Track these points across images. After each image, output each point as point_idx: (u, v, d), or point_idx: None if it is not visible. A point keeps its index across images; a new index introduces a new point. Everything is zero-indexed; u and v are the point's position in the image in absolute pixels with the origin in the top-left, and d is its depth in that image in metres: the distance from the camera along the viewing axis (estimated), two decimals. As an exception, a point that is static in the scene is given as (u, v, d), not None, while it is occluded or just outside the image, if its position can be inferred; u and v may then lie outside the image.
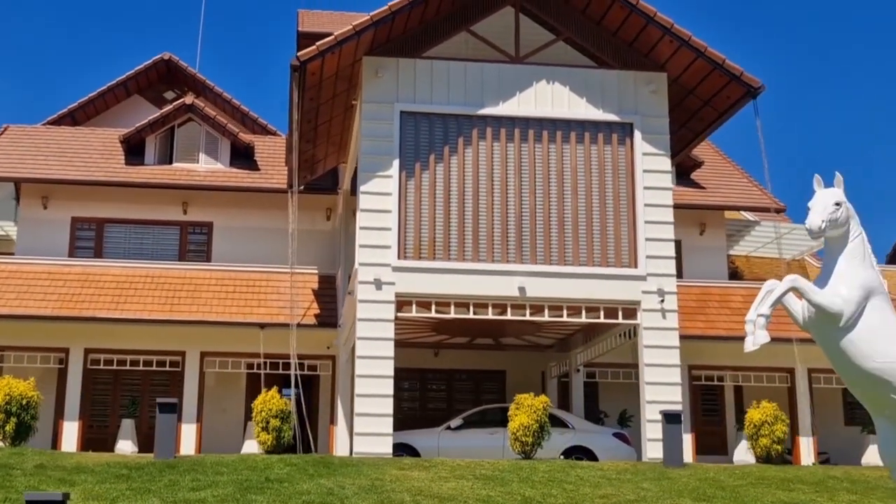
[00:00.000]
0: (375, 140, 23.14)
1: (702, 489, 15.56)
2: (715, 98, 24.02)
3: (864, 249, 11.85)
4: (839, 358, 11.60)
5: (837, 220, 11.65)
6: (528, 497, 14.52)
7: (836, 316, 11.39)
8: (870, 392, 11.72)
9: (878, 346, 11.36)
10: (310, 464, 16.13)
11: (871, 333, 11.39)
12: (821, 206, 11.67)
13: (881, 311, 11.54)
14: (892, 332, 11.49)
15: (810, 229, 11.59)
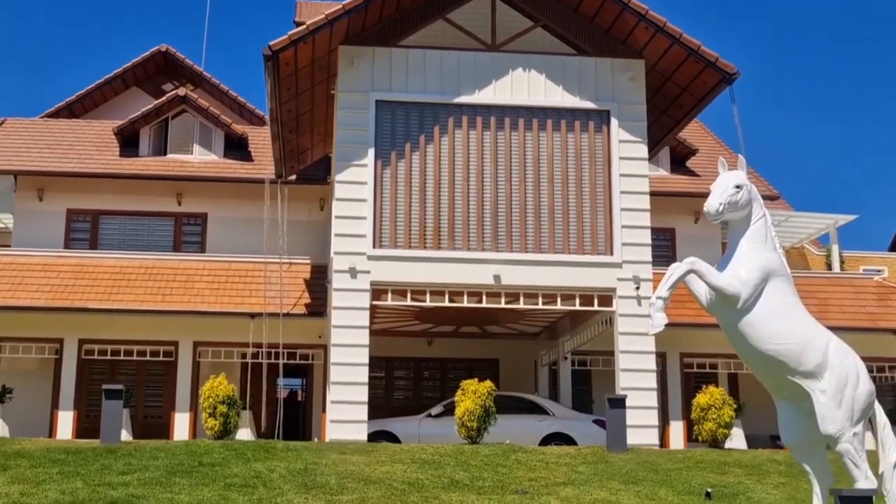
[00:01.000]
0: (350, 129, 23.30)
1: (634, 472, 15.61)
2: (692, 84, 23.97)
3: (766, 231, 11.90)
4: (738, 340, 11.67)
5: (738, 202, 11.71)
6: (456, 480, 14.64)
7: (734, 298, 11.46)
8: (768, 373, 11.79)
9: (774, 328, 11.42)
10: (251, 449, 16.32)
11: (767, 316, 11.45)
12: (720, 189, 11.75)
13: (780, 293, 11.59)
14: (790, 314, 11.54)
15: (707, 212, 11.68)
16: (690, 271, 11.70)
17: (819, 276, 31.17)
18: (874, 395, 11.86)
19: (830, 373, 11.47)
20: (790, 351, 11.43)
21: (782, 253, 12.14)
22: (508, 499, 13.48)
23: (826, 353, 11.55)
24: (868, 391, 11.66)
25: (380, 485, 14.07)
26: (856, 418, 11.50)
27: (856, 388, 11.53)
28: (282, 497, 12.91)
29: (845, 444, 11.46)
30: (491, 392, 19.92)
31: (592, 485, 14.50)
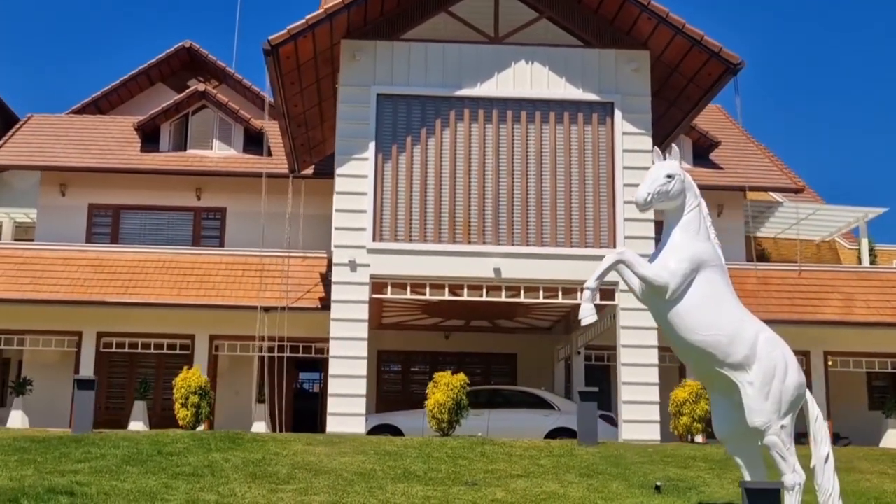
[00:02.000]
0: (351, 123, 23.35)
1: (595, 466, 15.48)
2: (698, 75, 23.69)
3: (699, 221, 11.76)
4: (668, 330, 11.55)
5: (669, 192, 11.58)
6: (410, 471, 14.63)
7: (662, 289, 11.34)
8: (698, 365, 11.65)
9: (702, 319, 11.29)
10: (218, 439, 16.42)
11: (696, 306, 11.32)
12: (650, 179, 11.65)
13: (710, 284, 11.45)
14: (719, 305, 11.40)
15: (635, 201, 11.61)
16: (619, 262, 11.63)
17: (844, 269, 30.68)
18: (804, 387, 11.67)
19: (758, 365, 11.32)
20: (718, 342, 11.29)
21: (717, 243, 11.98)
22: (454, 490, 13.42)
23: (754, 344, 11.39)
24: (796, 384, 11.48)
25: (329, 475, 14.10)
26: (783, 411, 11.33)
27: (783, 381, 11.37)
28: (225, 486, 12.99)
29: (772, 437, 11.30)
30: (464, 385, 19.87)
31: (547, 478, 14.41)
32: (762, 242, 35.76)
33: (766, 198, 34.98)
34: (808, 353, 28.59)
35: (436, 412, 19.57)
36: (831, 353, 28.76)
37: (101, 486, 12.48)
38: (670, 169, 11.67)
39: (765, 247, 35.58)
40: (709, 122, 35.49)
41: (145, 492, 12.34)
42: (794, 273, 29.58)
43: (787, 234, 34.69)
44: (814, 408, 11.90)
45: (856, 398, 30.90)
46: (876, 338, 28.35)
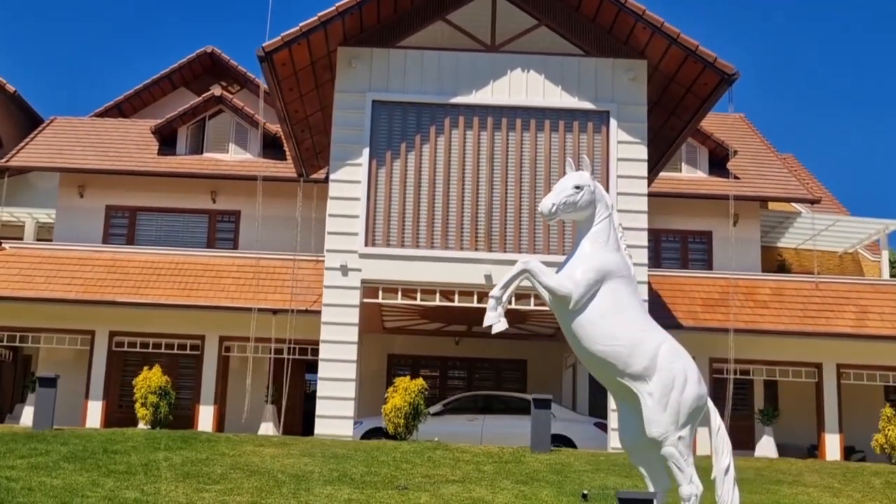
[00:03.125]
0: (346, 129, 23.57)
1: (537, 473, 15.53)
2: (694, 85, 23.61)
3: (609, 232, 11.79)
4: (572, 340, 11.58)
5: (576, 203, 11.61)
6: (348, 474, 14.79)
7: (565, 299, 11.38)
8: (601, 374, 11.67)
9: (604, 330, 11.30)
10: (171, 439, 16.70)
11: (599, 317, 11.34)
12: (558, 189, 11.69)
13: (615, 295, 11.46)
14: (622, 316, 11.40)
15: (541, 211, 11.65)
16: (524, 271, 11.68)
17: (860, 282, 30.33)
18: (704, 399, 11.64)
19: (658, 376, 11.31)
20: (619, 353, 11.30)
21: (627, 254, 11.99)
22: (380, 494, 13.55)
23: (655, 356, 11.38)
24: (695, 395, 11.45)
25: (263, 476, 14.31)
26: (681, 422, 11.30)
27: (682, 392, 11.34)
28: (152, 484, 13.24)
29: (669, 448, 11.29)
30: (422, 391, 19.98)
31: (482, 484, 14.49)
32: (783, 253, 35.46)
33: (787, 208, 34.70)
34: (821, 365, 28.31)
35: (392, 416, 19.71)
36: (845, 366, 28.43)
37: (30, 481, 12.78)
38: (579, 180, 11.71)
39: (785, 258, 35.26)
40: (730, 132, 35.32)
41: (70, 488, 12.62)
42: (810, 284, 29.35)
43: (808, 245, 34.35)
44: (716, 419, 11.87)
45: (873, 412, 30.48)
46: (890, 351, 28.03)
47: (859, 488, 15.71)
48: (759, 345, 27.86)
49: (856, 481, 16.13)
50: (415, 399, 19.64)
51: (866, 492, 15.55)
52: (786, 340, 27.75)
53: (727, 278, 29.36)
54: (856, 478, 16.41)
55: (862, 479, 16.35)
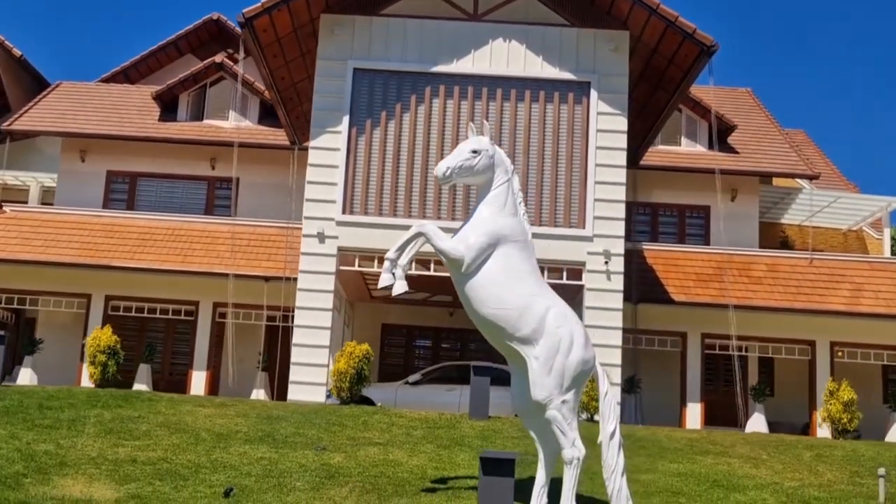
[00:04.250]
0: (327, 96, 23.67)
1: (463, 438, 15.64)
2: (676, 57, 23.48)
3: (507, 197, 11.84)
4: (465, 303, 11.69)
5: (473, 167, 11.67)
6: (271, 434, 15.02)
7: (458, 262, 11.48)
8: (493, 338, 11.78)
9: (494, 293, 11.41)
10: (113, 397, 16.93)
11: (489, 280, 11.44)
12: (455, 154, 11.77)
13: (507, 259, 11.55)
14: (512, 280, 11.48)
15: (435, 175, 11.71)
16: (419, 234, 11.78)
17: (856, 259, 30.05)
18: (590, 363, 11.71)
19: (544, 339, 11.40)
20: (508, 316, 11.41)
21: (525, 219, 12.04)
22: (296, 454, 13.74)
23: (543, 319, 11.46)
24: (580, 359, 11.52)
25: (186, 434, 14.53)
26: (565, 386, 11.39)
27: (567, 356, 11.42)
28: (71, 439, 13.50)
29: (553, 412, 11.38)
30: (367, 356, 20.08)
31: (403, 447, 14.62)
32: (786, 230, 35.19)
33: (792, 184, 34.41)
34: (814, 342, 28.17)
35: (336, 381, 19.85)
36: (839, 344, 28.27)
37: (-50, 436, 13.06)
38: (476, 145, 11.78)
39: (788, 234, 34.99)
40: (735, 106, 35.09)
41: (-17, 440, 12.89)
42: (805, 261, 29.15)
43: (811, 221, 34.08)
44: (604, 385, 11.96)
45: (869, 391, 30.27)
46: (885, 329, 27.83)
47: (785, 461, 15.66)
48: (754, 321, 27.74)
49: (785, 454, 16.08)
50: (359, 364, 19.78)
51: (790, 464, 15.50)
52: (780, 317, 27.62)
53: (722, 254, 29.25)
54: (787, 451, 16.36)
55: (793, 452, 16.28)
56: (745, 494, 13.30)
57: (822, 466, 15.38)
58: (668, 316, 27.78)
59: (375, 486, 12.53)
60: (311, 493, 12.01)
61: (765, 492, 13.51)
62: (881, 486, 13.50)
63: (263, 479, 12.52)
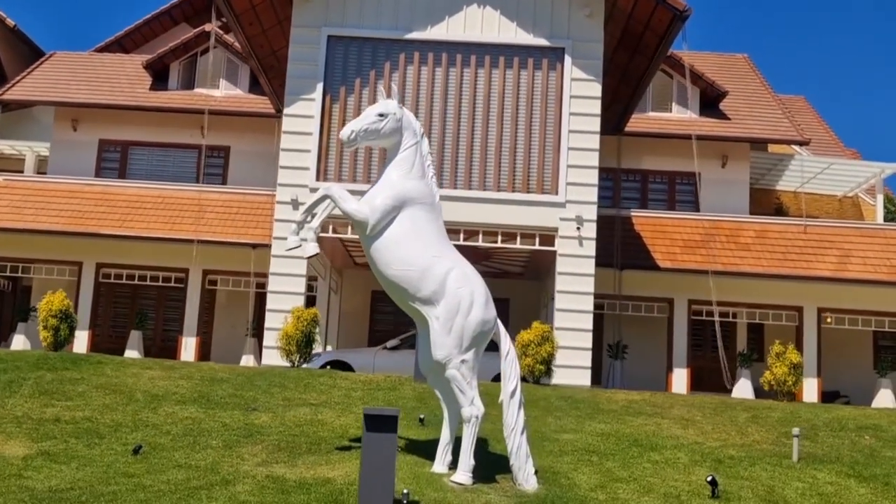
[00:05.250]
0: (301, 64, 23.75)
1: (398, 400, 15.78)
2: (651, 22, 23.40)
3: (414, 160, 11.95)
4: (371, 264, 11.84)
5: (380, 130, 11.78)
6: (209, 394, 15.21)
7: (362, 224, 11.60)
8: (399, 299, 11.90)
9: (397, 255, 11.54)
10: (61, 360, 17.12)
11: (393, 242, 11.57)
12: (360, 117, 11.86)
13: (413, 221, 11.65)
14: (417, 242, 11.60)
15: (340, 138, 11.81)
16: (325, 197, 11.89)
17: (846, 225, 29.90)
18: (490, 324, 11.82)
19: (445, 300, 11.53)
20: (410, 277, 11.54)
21: (434, 181, 12.12)
22: (225, 413, 13.93)
23: (444, 281, 11.59)
24: (480, 320, 11.63)
25: (120, 395, 14.74)
26: (465, 346, 11.52)
27: (466, 316, 11.55)
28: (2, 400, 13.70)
29: (452, 371, 11.52)
30: (315, 319, 20.22)
31: (336, 408, 14.79)
32: (780, 196, 35.02)
33: (788, 150, 34.19)
34: (802, 308, 28.15)
35: (283, 344, 20.02)
36: (826, 310, 28.24)
37: None
38: (383, 108, 11.89)
39: (783, 201, 34.82)
40: (730, 72, 34.91)
41: None
42: (795, 227, 29.06)
43: (805, 188, 33.89)
44: (505, 345, 12.08)
45: (859, 357, 30.23)
46: (873, 295, 27.77)
47: (718, 422, 15.70)
48: (741, 287, 27.75)
49: (721, 416, 16.10)
50: (307, 328, 19.92)
51: (721, 425, 15.54)
52: (767, 283, 27.61)
53: (711, 220, 29.21)
54: (724, 412, 16.38)
55: (730, 413, 16.30)
56: (661, 453, 13.39)
57: (753, 427, 15.42)
58: (655, 282, 27.80)
59: (291, 444, 12.70)
60: (222, 451, 12.20)
61: (682, 451, 13.60)
62: (795, 446, 13.58)
63: (181, 438, 12.71)
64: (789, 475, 12.66)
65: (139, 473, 11.07)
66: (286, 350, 20.08)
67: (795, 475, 12.66)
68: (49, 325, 19.53)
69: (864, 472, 13.06)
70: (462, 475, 11.50)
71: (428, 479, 11.38)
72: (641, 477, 12.23)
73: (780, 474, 12.68)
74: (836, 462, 13.52)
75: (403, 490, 10.30)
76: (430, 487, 11.04)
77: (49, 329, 19.51)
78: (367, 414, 10.34)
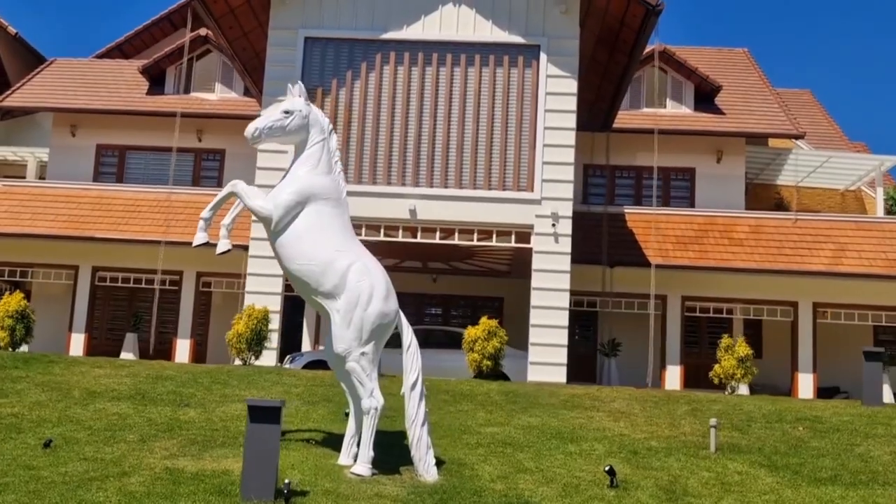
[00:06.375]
0: (279, 66, 23.90)
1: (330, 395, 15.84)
2: (626, 17, 23.36)
3: (321, 156, 12.05)
4: (278, 259, 11.95)
5: (285, 127, 11.92)
6: (150, 392, 15.37)
7: (267, 220, 11.74)
8: (303, 293, 12.01)
9: (300, 249, 11.67)
10: (15, 359, 17.38)
11: (297, 237, 11.70)
12: (265, 115, 11.99)
13: (318, 217, 11.77)
14: (320, 236, 11.71)
15: (245, 135, 11.92)
16: (231, 193, 12.01)
17: (841, 219, 29.59)
18: (390, 316, 11.91)
19: (345, 294, 11.64)
20: (312, 272, 11.66)
21: (342, 177, 12.21)
22: (153, 409, 14.10)
23: (345, 274, 11.69)
24: (379, 312, 11.72)
25: (58, 392, 14.98)
26: (364, 338, 11.64)
27: (365, 309, 11.65)
28: (-65, 398, 13.96)
29: (352, 363, 11.64)
30: (266, 317, 20.33)
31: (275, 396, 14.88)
32: (781, 191, 34.78)
33: (789, 145, 33.97)
34: (797, 303, 27.95)
35: (234, 342, 20.14)
36: (822, 305, 28.01)
37: None
38: (289, 106, 12.03)
39: (784, 196, 34.58)
40: (729, 67, 34.76)
41: None
42: (790, 222, 28.85)
43: (806, 182, 33.66)
44: (407, 337, 12.17)
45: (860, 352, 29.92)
46: (871, 289, 27.50)
47: (654, 415, 15.63)
48: (736, 283, 27.63)
49: (660, 409, 16.04)
50: (257, 325, 20.05)
51: (655, 418, 15.48)
52: (762, 279, 27.45)
53: (704, 216, 29.08)
54: (664, 405, 16.31)
55: (670, 407, 16.23)
56: (579, 445, 13.39)
57: (687, 420, 15.36)
58: (648, 279, 27.66)
59: (208, 438, 12.83)
60: (135, 445, 12.35)
61: (601, 443, 13.57)
62: (712, 436, 13.53)
63: (100, 433, 12.87)
64: (700, 465, 12.61)
65: (41, 466, 11.23)
66: (237, 348, 20.23)
67: (707, 465, 12.61)
68: (5, 325, 19.80)
69: (778, 461, 12.99)
70: (361, 466, 11.61)
71: (327, 471, 11.47)
72: (549, 468, 12.23)
73: (691, 465, 12.64)
74: (754, 452, 13.45)
75: (285, 480, 10.38)
76: (326, 478, 11.12)
77: (5, 329, 19.78)
78: (251, 405, 10.44)
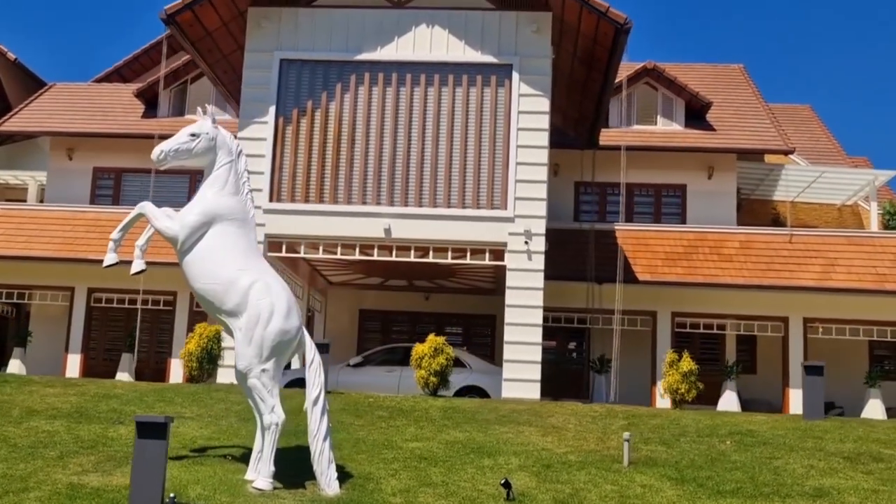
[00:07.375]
0: (254, 88, 24.20)
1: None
2: (597, 36, 23.48)
3: (227, 177, 12.31)
4: (185, 278, 12.15)
5: (192, 150, 12.19)
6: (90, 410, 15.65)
7: (173, 240, 12.02)
8: (208, 311, 12.23)
9: (205, 269, 11.92)
10: None
11: (201, 257, 11.96)
12: (174, 137, 12.25)
13: (222, 237, 12.01)
14: (224, 256, 11.96)
15: (152, 157, 12.18)
16: (140, 215, 12.26)
17: (833, 234, 29.49)
18: (291, 334, 12.10)
19: (247, 312, 11.88)
20: (215, 291, 11.90)
21: (250, 198, 12.43)
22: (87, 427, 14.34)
23: (247, 293, 11.92)
24: (279, 330, 11.92)
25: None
26: (265, 356, 11.84)
27: (266, 327, 11.85)
28: None
29: (253, 380, 11.85)
30: (216, 336, 20.52)
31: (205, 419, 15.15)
32: (777, 207, 34.66)
33: (784, 161, 33.82)
34: (787, 318, 27.88)
35: (186, 361, 20.35)
36: (813, 320, 27.90)
37: None
38: (197, 128, 12.30)
39: (780, 211, 34.45)
40: (722, 84, 34.77)
41: None
42: (780, 237, 28.78)
43: (802, 197, 33.55)
44: (310, 353, 12.36)
45: (855, 367, 29.76)
46: (862, 304, 27.39)
47: (587, 430, 15.68)
48: (726, 299, 27.62)
49: (596, 423, 16.08)
50: (209, 344, 20.27)
51: (586, 432, 15.52)
52: (752, 294, 27.39)
53: (695, 231, 29.07)
54: (602, 420, 16.36)
55: (606, 422, 16.26)
56: (494, 459, 13.50)
57: (618, 435, 15.37)
58: (637, 295, 27.65)
59: (129, 454, 12.96)
60: (52, 462, 12.59)
61: (518, 457, 13.66)
62: (625, 450, 13.57)
63: (20, 450, 13.11)
64: (607, 479, 12.67)
65: (-56, 483, 11.48)
66: (188, 367, 20.46)
67: (613, 479, 12.66)
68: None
69: (689, 475, 13.02)
70: (262, 481, 11.82)
71: (230, 485, 11.66)
72: (454, 482, 12.34)
73: (598, 478, 12.70)
74: (669, 466, 13.49)
75: (170, 495, 10.56)
76: (226, 493, 11.31)
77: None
78: (139, 421, 10.64)
